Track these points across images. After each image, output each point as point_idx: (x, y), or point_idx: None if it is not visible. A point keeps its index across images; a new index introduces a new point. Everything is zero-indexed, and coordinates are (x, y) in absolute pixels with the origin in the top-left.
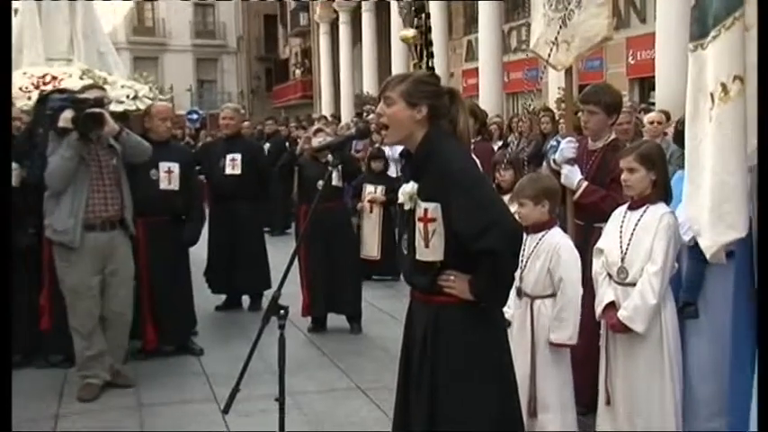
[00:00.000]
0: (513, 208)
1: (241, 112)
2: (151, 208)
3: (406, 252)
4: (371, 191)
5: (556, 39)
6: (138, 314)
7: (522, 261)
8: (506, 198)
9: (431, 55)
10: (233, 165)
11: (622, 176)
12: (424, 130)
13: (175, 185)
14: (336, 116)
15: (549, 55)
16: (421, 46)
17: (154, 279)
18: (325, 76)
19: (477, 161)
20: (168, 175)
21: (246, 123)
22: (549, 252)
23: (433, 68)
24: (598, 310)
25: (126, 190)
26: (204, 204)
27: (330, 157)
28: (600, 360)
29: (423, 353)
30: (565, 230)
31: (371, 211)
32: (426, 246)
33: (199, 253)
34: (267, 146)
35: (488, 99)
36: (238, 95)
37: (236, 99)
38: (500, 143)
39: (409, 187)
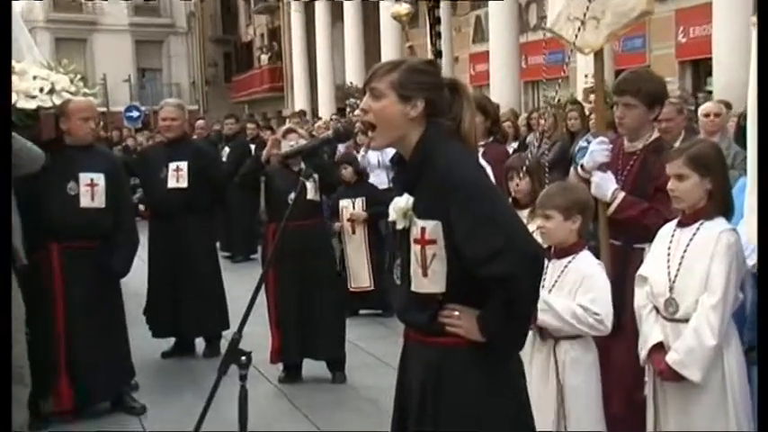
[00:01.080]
0: (533, 227)
1: (186, 108)
2: (68, 230)
3: (399, 282)
4: (347, 206)
5: (584, 15)
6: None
7: (543, 293)
8: (524, 214)
9: (438, 35)
10: (177, 175)
11: (669, 185)
12: (421, 131)
13: (100, 202)
14: (313, 113)
15: (576, 35)
16: (429, 25)
17: (71, 320)
18: (299, 63)
19: (488, 168)
20: (91, 189)
21: (200, 123)
22: (576, 282)
23: (440, 53)
24: (642, 352)
25: (12, 207)
26: (140, 225)
27: (303, 164)
28: (646, 415)
29: (421, 407)
30: (596, 254)
31: (353, 232)
32: (424, 274)
33: (138, 286)
34: (226, 151)
35: (502, 90)
36: (190, 87)
37: (188, 92)
38: (516, 145)
39: (402, 201)
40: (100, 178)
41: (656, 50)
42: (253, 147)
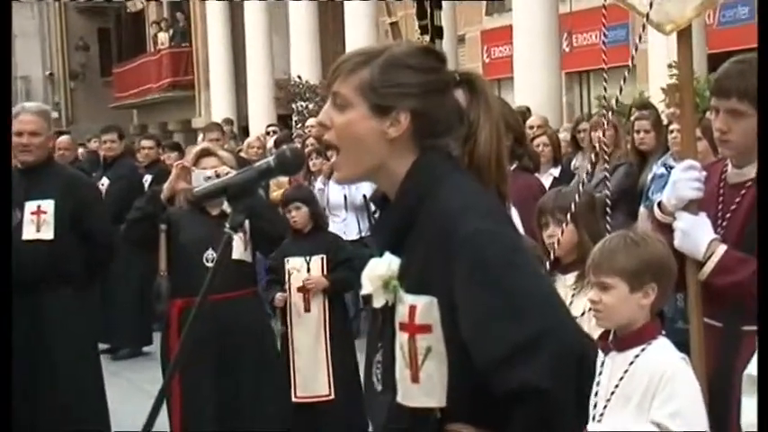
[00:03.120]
0: (581, 303)
1: (52, 116)
2: None
3: (379, 387)
4: (297, 267)
5: None
6: None
7: (594, 404)
8: (567, 281)
9: (436, 3)
10: (38, 221)
11: None
12: (410, 157)
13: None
14: (240, 123)
15: (651, 4)
16: None
17: None
18: (218, 46)
19: (514, 213)
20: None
21: (63, 140)
22: (649, 387)
23: (438, 30)
24: None
25: None
26: None
27: (228, 207)
28: None
29: None
30: (680, 343)
31: (306, 309)
32: (414, 378)
33: None
34: (105, 183)
35: (531, 86)
36: (45, 83)
37: (41, 91)
38: (555, 172)
39: (383, 265)
40: None
41: None
42: (147, 178)
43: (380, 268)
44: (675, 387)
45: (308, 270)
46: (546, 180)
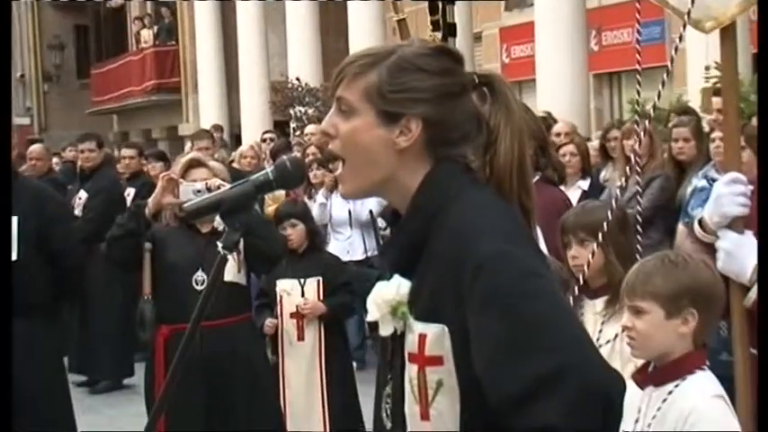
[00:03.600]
0: (612, 330)
1: (15, 123)
2: None
3: (388, 424)
4: (289, 290)
5: None
6: None
7: None
8: (595, 306)
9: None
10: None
11: None
12: (422, 169)
13: None
14: (233, 131)
15: (692, 1)
16: None
17: None
18: (207, 45)
19: (539, 232)
20: None
21: (35, 149)
22: (676, 428)
23: (452, 28)
24: None
25: None
26: None
27: (219, 223)
28: None
29: None
30: (725, 377)
31: (300, 337)
32: (425, 415)
33: None
34: (82, 197)
35: (556, 90)
36: (16, 84)
37: (13, 95)
38: (584, 185)
39: (391, 289)
40: None
41: None
42: (129, 191)
43: (389, 292)
44: (713, 428)
45: (303, 294)
46: (574, 194)
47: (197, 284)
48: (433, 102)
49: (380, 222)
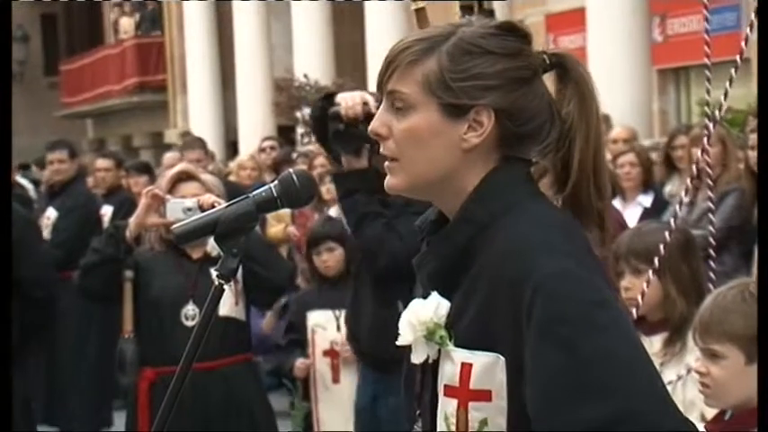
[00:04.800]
0: (671, 374)
1: None
2: None
3: None
4: (322, 323)
5: None
6: None
7: None
8: (655, 343)
9: None
10: None
11: None
12: (485, 170)
13: None
14: (229, 138)
15: None
16: None
17: None
18: (198, 36)
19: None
20: None
21: None
22: None
23: (490, 13)
24: None
25: None
26: None
27: (212, 247)
28: None
29: None
30: None
31: (335, 379)
32: None
33: None
34: (51, 216)
35: (612, 88)
36: None
37: None
38: (647, 200)
39: (429, 308)
40: None
41: None
42: (106, 209)
43: (425, 312)
44: None
45: (338, 328)
46: (633, 212)
47: (186, 319)
48: (505, 89)
49: None
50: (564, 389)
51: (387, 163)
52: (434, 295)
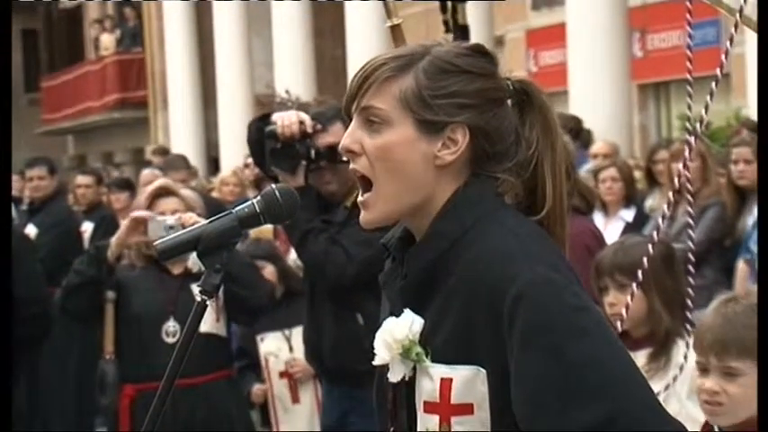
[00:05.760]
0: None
1: None
2: None
3: None
4: (273, 349)
5: None
6: None
7: None
8: (639, 358)
9: None
10: None
11: None
12: (455, 186)
13: None
14: (210, 153)
15: None
16: None
17: None
18: (179, 51)
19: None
20: None
21: None
22: None
23: (463, 30)
24: None
25: None
26: None
27: (193, 263)
28: None
29: None
30: None
31: (296, 399)
32: None
33: None
34: (33, 232)
35: (592, 103)
36: None
37: None
38: (628, 216)
39: (403, 326)
40: None
41: None
42: (86, 227)
43: (400, 330)
44: None
45: (290, 349)
46: (615, 226)
47: (168, 336)
48: (481, 108)
49: None
50: (555, 394)
51: (360, 198)
52: (407, 312)
